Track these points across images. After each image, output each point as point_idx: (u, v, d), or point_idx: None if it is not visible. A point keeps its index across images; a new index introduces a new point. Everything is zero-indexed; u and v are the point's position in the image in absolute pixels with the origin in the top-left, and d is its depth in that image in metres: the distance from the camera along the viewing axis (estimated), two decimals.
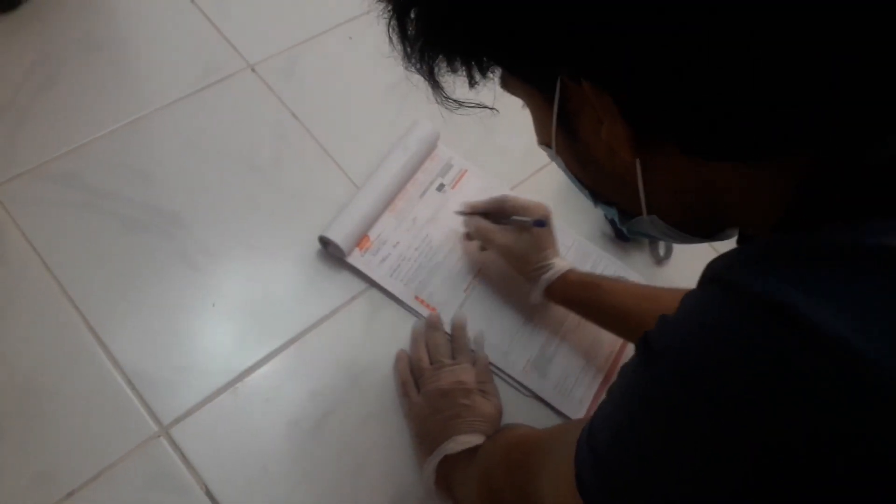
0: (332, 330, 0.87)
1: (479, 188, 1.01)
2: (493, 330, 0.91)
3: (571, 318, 0.93)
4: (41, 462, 0.74)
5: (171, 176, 0.92)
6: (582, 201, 1.07)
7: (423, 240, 0.95)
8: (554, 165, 0.60)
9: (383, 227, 0.94)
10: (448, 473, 0.76)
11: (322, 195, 0.95)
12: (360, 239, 0.92)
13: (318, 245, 0.91)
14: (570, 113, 0.47)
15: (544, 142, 0.53)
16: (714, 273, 0.40)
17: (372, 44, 1.08)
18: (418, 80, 0.49)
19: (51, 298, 0.82)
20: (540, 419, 0.87)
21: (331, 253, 0.91)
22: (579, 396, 0.89)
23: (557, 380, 0.89)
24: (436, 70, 0.47)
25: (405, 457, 0.82)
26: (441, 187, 0.99)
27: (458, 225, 0.96)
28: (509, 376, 0.88)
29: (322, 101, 1.03)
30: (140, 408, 0.78)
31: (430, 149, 1.01)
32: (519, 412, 0.87)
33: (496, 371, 0.88)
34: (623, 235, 1.02)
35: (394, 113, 1.04)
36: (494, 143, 1.06)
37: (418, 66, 0.47)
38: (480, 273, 0.94)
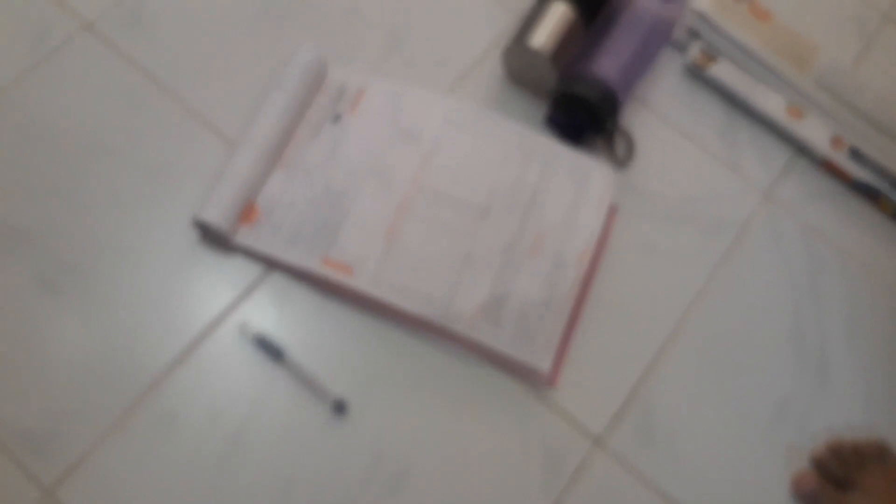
0: (230, 331, 0.73)
1: (384, 103, 0.83)
2: (427, 278, 0.75)
3: (524, 240, 0.78)
4: None
5: (11, 183, 0.76)
6: (521, 101, 0.89)
7: (323, 188, 0.78)
8: (486, 68, 0.42)
9: (272, 188, 0.78)
10: None
11: (196, 166, 0.78)
12: (245, 210, 0.76)
13: (197, 230, 0.76)
14: None
15: None
16: None
17: None
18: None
19: None
20: (489, 386, 0.74)
21: (214, 236, 0.76)
22: (543, 340, 0.74)
23: (515, 324, 0.73)
24: None
25: (336, 469, 0.69)
26: (337, 118, 0.82)
27: (364, 156, 0.79)
28: (453, 334, 0.73)
29: (178, 50, 0.84)
30: (17, 471, 0.66)
31: (318, 78, 0.83)
32: (465, 381, 0.73)
33: (436, 332, 0.74)
34: (568, 137, 0.84)
35: (268, 45, 0.86)
36: (402, 57, 0.87)
37: None
38: (404, 208, 0.78)
